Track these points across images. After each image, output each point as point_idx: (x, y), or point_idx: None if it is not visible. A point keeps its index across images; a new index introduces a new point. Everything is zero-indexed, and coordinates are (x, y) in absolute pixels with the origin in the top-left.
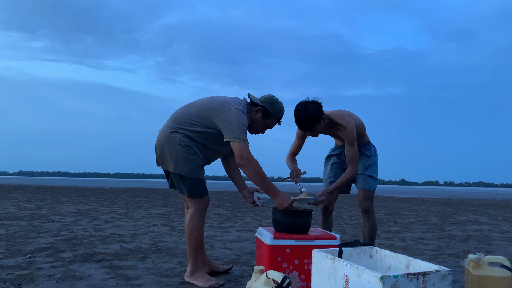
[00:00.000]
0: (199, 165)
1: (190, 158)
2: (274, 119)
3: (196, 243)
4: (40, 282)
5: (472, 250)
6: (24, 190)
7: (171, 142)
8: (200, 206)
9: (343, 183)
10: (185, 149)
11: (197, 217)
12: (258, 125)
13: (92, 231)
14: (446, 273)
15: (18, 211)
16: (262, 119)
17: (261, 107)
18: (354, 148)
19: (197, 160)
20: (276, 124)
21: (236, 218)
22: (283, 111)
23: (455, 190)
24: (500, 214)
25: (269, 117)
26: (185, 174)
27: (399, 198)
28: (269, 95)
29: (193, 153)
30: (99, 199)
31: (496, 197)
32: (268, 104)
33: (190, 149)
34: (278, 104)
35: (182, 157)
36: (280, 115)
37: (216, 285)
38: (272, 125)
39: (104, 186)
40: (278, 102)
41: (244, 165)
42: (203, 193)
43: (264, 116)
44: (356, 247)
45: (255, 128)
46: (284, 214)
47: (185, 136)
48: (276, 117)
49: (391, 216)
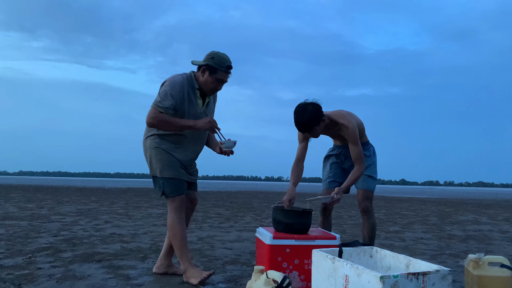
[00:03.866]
0: (172, 164)
1: (160, 158)
2: (221, 71)
3: (179, 240)
4: (40, 282)
5: (472, 250)
6: (24, 190)
7: (146, 148)
8: (174, 205)
9: (353, 182)
10: (155, 151)
11: (172, 215)
12: (209, 83)
13: (92, 231)
14: (446, 273)
15: (18, 211)
16: (210, 75)
17: (205, 66)
18: (358, 147)
19: (169, 159)
20: (228, 76)
21: (236, 218)
22: (227, 59)
23: (455, 190)
24: (500, 214)
25: (215, 71)
26: (156, 174)
27: (399, 198)
28: (209, 52)
29: (164, 152)
30: (99, 199)
31: (496, 197)
32: (209, 59)
33: (159, 149)
34: (219, 56)
35: (154, 158)
36: (224, 64)
37: (207, 277)
38: (224, 77)
39: (104, 186)
40: (218, 54)
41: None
42: (175, 192)
43: (211, 72)
44: (356, 247)
45: (209, 87)
46: (284, 214)
47: (156, 136)
48: (222, 69)
49: (391, 216)
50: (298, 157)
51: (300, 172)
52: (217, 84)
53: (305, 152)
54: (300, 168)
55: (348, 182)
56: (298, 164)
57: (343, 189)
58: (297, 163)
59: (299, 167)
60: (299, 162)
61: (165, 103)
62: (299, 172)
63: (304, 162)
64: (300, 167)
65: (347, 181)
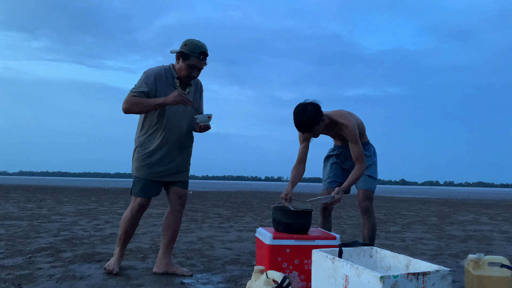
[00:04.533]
0: (148, 165)
1: (137, 157)
2: (193, 56)
3: (122, 233)
4: (40, 282)
5: (472, 250)
6: (24, 190)
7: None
8: (133, 204)
9: (354, 181)
10: (137, 149)
11: (128, 211)
12: (183, 69)
13: (92, 231)
14: (446, 273)
15: (18, 211)
16: (184, 62)
17: (179, 53)
18: (358, 146)
19: (146, 159)
20: (203, 63)
21: (236, 218)
22: (200, 46)
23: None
24: (500, 214)
25: (188, 57)
26: (132, 172)
27: (399, 198)
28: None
29: (143, 151)
30: (99, 199)
31: (496, 197)
32: (183, 46)
33: (140, 148)
34: (191, 42)
35: (134, 157)
36: (197, 50)
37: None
38: (197, 63)
39: (104, 186)
40: (192, 40)
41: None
42: (139, 194)
43: (184, 58)
44: (356, 247)
45: (183, 74)
46: (284, 214)
47: (141, 135)
48: (194, 54)
49: (391, 216)
50: (299, 158)
51: (300, 172)
52: (191, 70)
53: (306, 153)
54: (301, 169)
55: (349, 182)
56: (299, 165)
57: (344, 189)
58: (298, 163)
59: (300, 167)
60: (300, 163)
61: (138, 89)
62: (299, 172)
63: (305, 163)
64: (301, 167)
65: (348, 180)
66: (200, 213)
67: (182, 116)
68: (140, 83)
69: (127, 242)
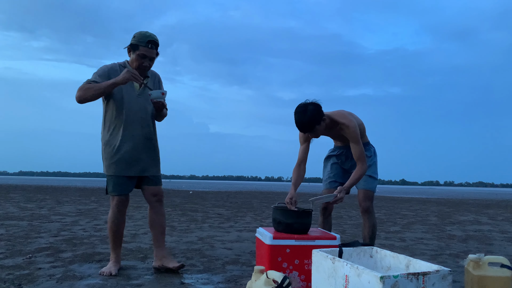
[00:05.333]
0: (117, 161)
1: (106, 156)
2: (142, 46)
3: (111, 236)
4: (40, 282)
5: (472, 250)
6: (24, 190)
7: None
8: (113, 203)
9: (356, 181)
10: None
11: (111, 213)
12: (135, 60)
13: (92, 231)
14: (446, 273)
15: (18, 211)
16: (134, 53)
17: (129, 46)
18: (359, 146)
19: (114, 156)
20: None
21: (236, 218)
22: (148, 35)
23: (455, 190)
24: (500, 214)
25: (137, 47)
26: (104, 171)
27: (399, 198)
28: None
29: (109, 148)
30: (99, 199)
31: (496, 197)
32: (132, 39)
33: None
34: (140, 33)
35: (103, 155)
36: (145, 40)
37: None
38: (146, 52)
39: (104, 186)
40: (141, 32)
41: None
42: (115, 191)
43: (134, 49)
44: (356, 247)
45: (136, 65)
46: (284, 214)
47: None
48: (142, 44)
49: (391, 216)
50: (300, 159)
51: (301, 173)
52: (141, 60)
53: (307, 154)
54: (301, 170)
55: (351, 181)
56: (300, 166)
57: (346, 188)
58: (298, 165)
59: (301, 168)
60: (301, 164)
61: (91, 79)
62: (300, 174)
63: (306, 164)
64: (302, 169)
65: (350, 180)
66: (200, 213)
67: (142, 107)
68: (94, 76)
69: (119, 244)
